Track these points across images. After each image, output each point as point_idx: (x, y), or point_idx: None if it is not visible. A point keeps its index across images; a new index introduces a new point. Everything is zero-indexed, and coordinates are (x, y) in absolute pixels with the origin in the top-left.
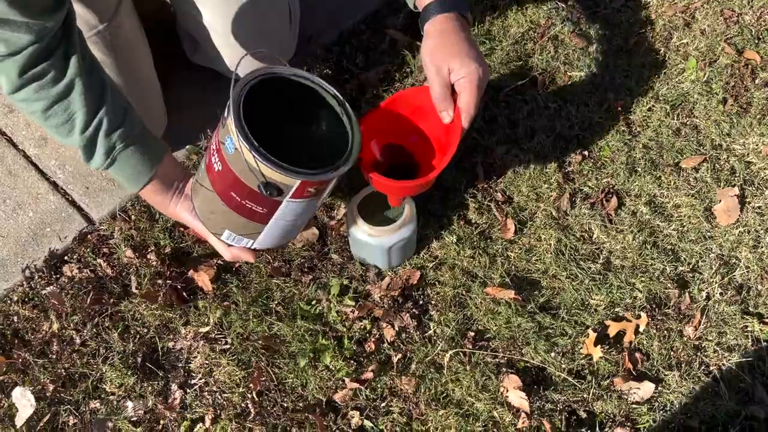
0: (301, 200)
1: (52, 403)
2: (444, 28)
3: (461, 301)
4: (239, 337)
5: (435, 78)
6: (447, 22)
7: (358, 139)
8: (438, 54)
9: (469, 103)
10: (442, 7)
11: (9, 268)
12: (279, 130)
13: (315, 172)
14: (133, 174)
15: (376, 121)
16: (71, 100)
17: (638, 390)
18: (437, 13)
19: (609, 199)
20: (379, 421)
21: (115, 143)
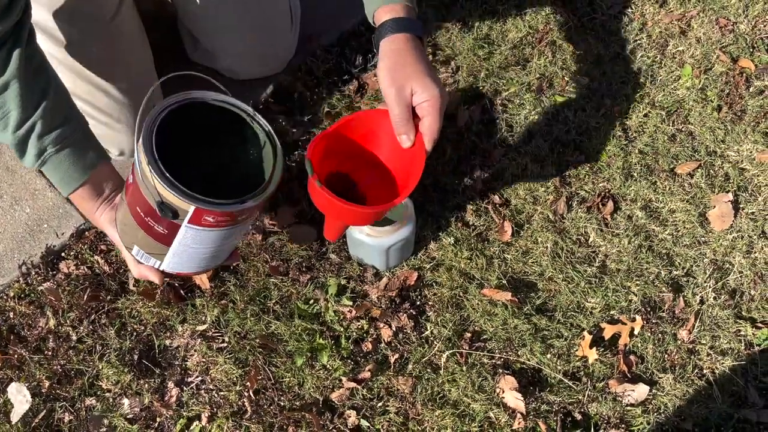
0: (203, 228)
1: (47, 399)
2: (401, 47)
3: (458, 303)
4: (236, 336)
5: (396, 99)
6: (404, 42)
7: (278, 174)
8: (398, 74)
9: (433, 128)
10: (398, 26)
11: (5, 264)
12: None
13: (210, 201)
14: (63, 178)
15: (328, 144)
16: (6, 98)
17: (633, 392)
18: (393, 32)
19: (605, 203)
20: (376, 420)
21: (46, 146)
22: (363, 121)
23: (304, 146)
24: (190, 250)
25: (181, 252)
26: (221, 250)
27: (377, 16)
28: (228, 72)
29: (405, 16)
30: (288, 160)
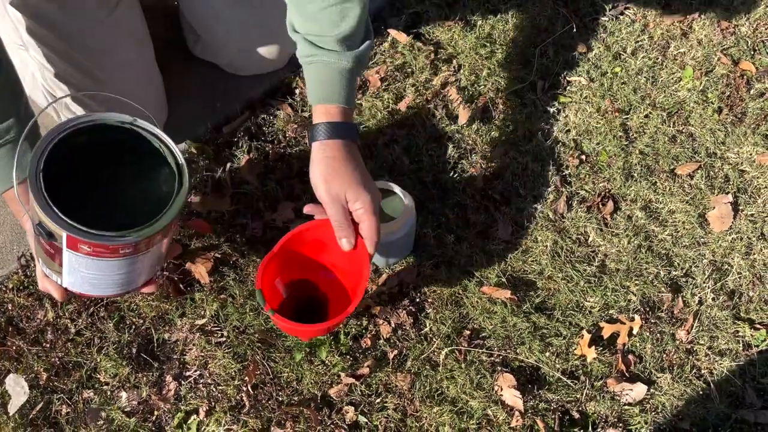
0: (84, 256)
1: (45, 391)
2: (335, 155)
3: (457, 300)
4: (235, 331)
5: (333, 206)
6: (338, 150)
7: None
8: (334, 183)
9: (372, 230)
10: (332, 132)
11: (4, 255)
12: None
13: (80, 229)
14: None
15: (278, 262)
16: None
17: (631, 391)
18: (327, 137)
19: (605, 203)
20: (374, 416)
21: None
22: (306, 234)
23: (302, 141)
24: (82, 274)
25: (73, 273)
26: (121, 280)
27: (313, 112)
28: (229, 67)
29: (340, 121)
30: (288, 157)
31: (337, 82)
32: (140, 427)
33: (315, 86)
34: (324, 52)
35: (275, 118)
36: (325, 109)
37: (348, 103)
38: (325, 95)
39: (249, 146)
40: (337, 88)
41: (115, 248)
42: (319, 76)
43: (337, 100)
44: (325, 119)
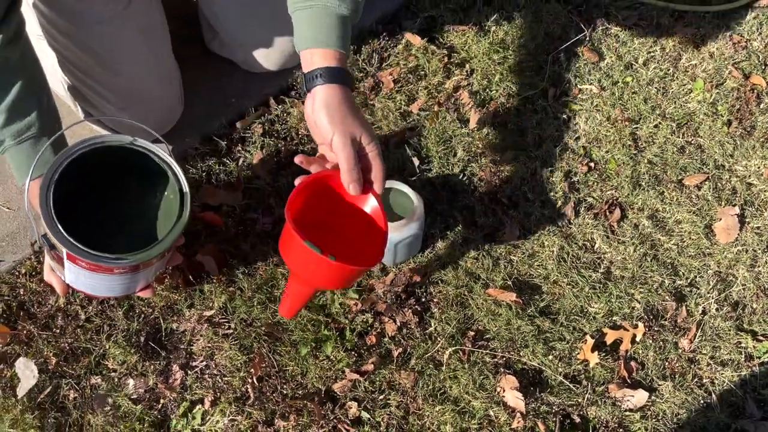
0: (83, 269)
1: (53, 376)
2: (342, 99)
3: (463, 301)
4: (242, 323)
5: (347, 149)
6: (345, 94)
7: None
8: (348, 124)
9: (382, 173)
10: (337, 77)
11: (18, 241)
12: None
13: (80, 249)
14: (18, 169)
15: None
16: None
17: (632, 398)
18: (333, 81)
19: (612, 210)
20: (377, 413)
21: (5, 138)
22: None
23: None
24: (82, 280)
25: (74, 276)
26: (118, 288)
27: (310, 55)
28: (244, 64)
29: (341, 67)
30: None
31: (338, 26)
32: (146, 414)
33: (313, 30)
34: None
35: (289, 115)
36: (324, 53)
37: (346, 49)
38: (325, 39)
39: (262, 142)
40: (337, 32)
41: (110, 268)
42: (319, 20)
43: (337, 45)
44: (327, 63)
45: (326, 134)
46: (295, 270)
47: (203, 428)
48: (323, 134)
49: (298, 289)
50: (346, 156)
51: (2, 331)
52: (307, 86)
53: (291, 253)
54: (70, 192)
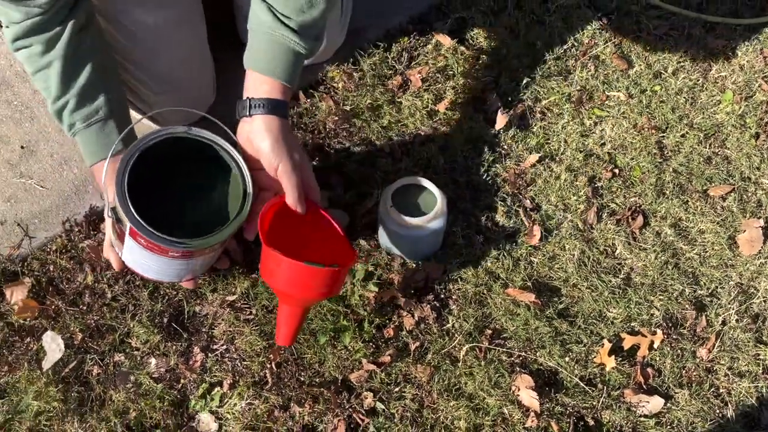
0: (141, 247)
1: (79, 351)
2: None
3: (481, 300)
4: (264, 309)
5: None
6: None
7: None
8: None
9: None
10: (279, 109)
11: (50, 219)
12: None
13: (141, 224)
14: (87, 151)
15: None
16: (49, 74)
17: (647, 404)
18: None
19: (635, 217)
20: (391, 404)
21: (76, 121)
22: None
23: (341, 134)
24: (136, 258)
25: (131, 254)
26: (167, 273)
27: (259, 82)
28: None
29: (284, 100)
30: (327, 147)
31: (291, 62)
32: (166, 393)
33: (267, 58)
34: (286, 29)
35: (317, 109)
36: (272, 85)
37: (293, 83)
38: (277, 71)
39: None
40: (290, 67)
41: (165, 250)
42: (276, 51)
43: (286, 78)
44: (272, 95)
45: (271, 161)
46: (284, 290)
47: (221, 410)
48: (267, 161)
49: (289, 311)
50: (294, 183)
51: (31, 306)
52: (249, 111)
53: (277, 274)
54: (141, 178)
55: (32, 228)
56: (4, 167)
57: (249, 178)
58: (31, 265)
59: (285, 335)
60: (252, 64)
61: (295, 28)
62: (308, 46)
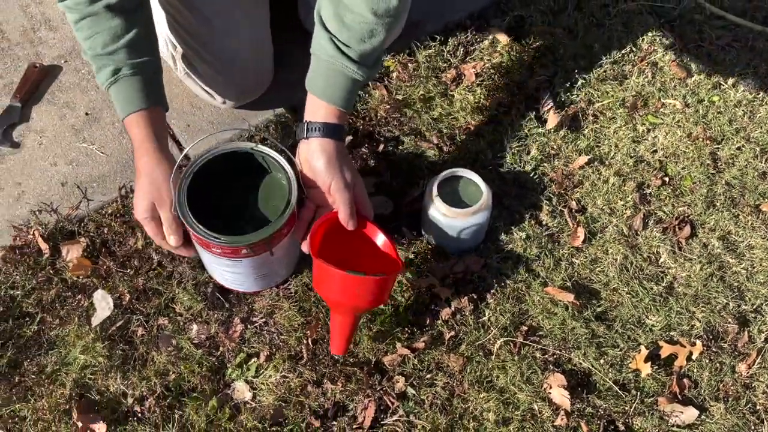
0: (196, 242)
1: (125, 311)
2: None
3: (519, 296)
4: (304, 287)
5: (347, 191)
6: (341, 147)
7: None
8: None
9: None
10: (336, 133)
11: (108, 184)
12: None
13: (190, 220)
14: (127, 98)
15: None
16: (98, 21)
17: (681, 414)
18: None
19: (682, 227)
20: (422, 390)
21: (122, 67)
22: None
23: (392, 122)
24: (209, 264)
25: (203, 259)
26: (223, 274)
27: (316, 107)
28: None
29: (340, 124)
30: (377, 135)
31: (348, 88)
32: (205, 359)
33: (325, 84)
34: (345, 59)
35: (370, 96)
36: (328, 110)
37: (349, 108)
38: (334, 97)
39: None
40: (346, 93)
41: (207, 243)
42: (334, 79)
43: (342, 104)
44: (328, 120)
45: (325, 179)
46: (333, 298)
47: (256, 380)
48: (321, 179)
49: (341, 321)
50: (345, 199)
51: (85, 264)
52: (307, 134)
53: (325, 284)
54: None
55: (90, 191)
56: (68, 132)
57: (295, 189)
58: (87, 226)
59: (339, 344)
60: (311, 87)
61: (354, 58)
62: (366, 73)
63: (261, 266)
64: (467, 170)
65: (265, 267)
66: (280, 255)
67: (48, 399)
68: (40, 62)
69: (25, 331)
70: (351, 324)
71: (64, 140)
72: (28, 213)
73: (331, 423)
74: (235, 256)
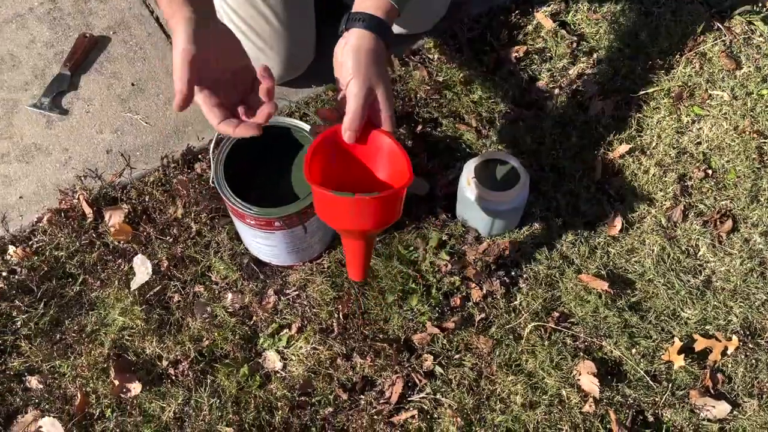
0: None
1: (163, 277)
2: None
3: (552, 282)
4: (337, 263)
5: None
6: (378, 44)
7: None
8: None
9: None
10: (382, 30)
11: (151, 153)
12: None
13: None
14: None
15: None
16: None
17: (713, 408)
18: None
19: (723, 221)
20: (450, 370)
21: None
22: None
23: (431, 103)
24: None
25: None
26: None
27: None
28: None
29: (385, 20)
30: (416, 116)
31: None
32: (238, 327)
33: None
34: None
35: (410, 77)
36: (379, 2)
37: (399, 5)
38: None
39: None
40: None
41: (242, 215)
42: None
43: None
44: (374, 11)
45: (345, 77)
46: (336, 224)
47: (287, 351)
48: (344, 76)
49: (352, 245)
50: (356, 105)
51: (126, 230)
52: (347, 25)
53: (323, 208)
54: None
55: (133, 160)
56: (115, 101)
57: None
58: (129, 193)
59: (356, 270)
60: None
61: None
62: None
63: (295, 240)
64: (505, 153)
65: (299, 241)
66: (313, 230)
67: (87, 357)
68: (90, 32)
69: (68, 291)
70: (363, 248)
71: (111, 109)
72: (73, 178)
73: (358, 396)
74: (268, 228)
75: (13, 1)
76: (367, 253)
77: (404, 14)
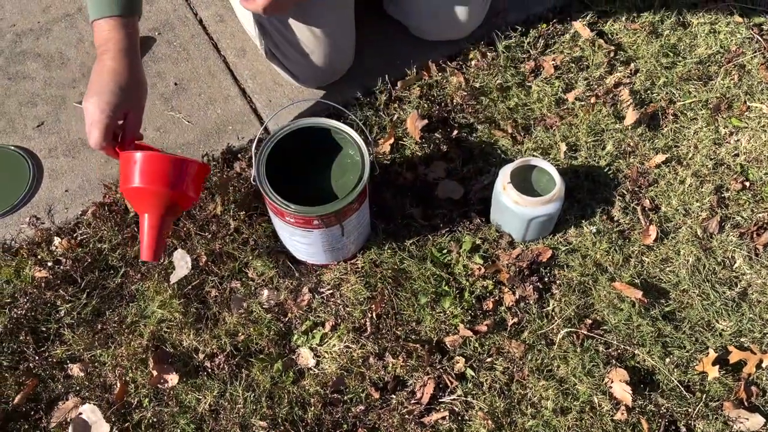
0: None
1: (202, 272)
2: None
3: (585, 290)
4: (371, 263)
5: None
6: None
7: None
8: None
9: None
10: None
11: (192, 151)
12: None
13: (264, 186)
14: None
15: None
16: None
17: (746, 420)
18: None
19: (761, 233)
20: (481, 373)
21: None
22: None
23: (467, 109)
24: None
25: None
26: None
27: None
28: (416, 31)
29: None
30: (451, 121)
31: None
32: (273, 324)
33: None
34: None
35: (447, 82)
36: None
37: None
38: None
39: (417, 104)
40: None
41: (281, 212)
42: None
43: None
44: None
45: None
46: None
47: (320, 348)
48: None
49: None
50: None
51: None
52: None
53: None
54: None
55: None
56: (158, 100)
57: (368, 166)
58: None
59: (147, 248)
60: None
61: None
62: None
63: (331, 239)
64: (541, 159)
65: (336, 241)
66: (350, 230)
67: (127, 347)
68: None
69: (109, 283)
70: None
71: (154, 107)
72: (117, 173)
73: (390, 396)
74: (307, 226)
75: (63, 2)
76: (162, 232)
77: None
